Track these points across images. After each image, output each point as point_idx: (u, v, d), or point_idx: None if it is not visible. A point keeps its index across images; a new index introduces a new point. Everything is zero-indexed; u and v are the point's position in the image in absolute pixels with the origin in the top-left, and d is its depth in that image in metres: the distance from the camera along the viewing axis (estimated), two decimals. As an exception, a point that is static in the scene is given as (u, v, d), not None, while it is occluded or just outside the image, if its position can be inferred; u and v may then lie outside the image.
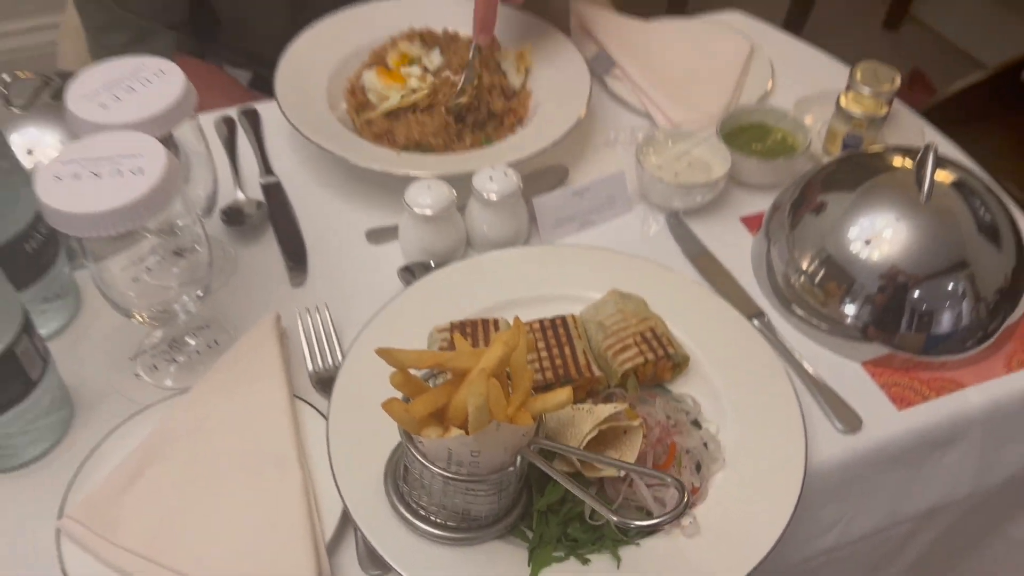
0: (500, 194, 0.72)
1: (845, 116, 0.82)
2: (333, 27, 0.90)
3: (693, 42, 0.96)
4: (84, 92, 0.60)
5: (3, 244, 0.60)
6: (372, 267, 0.75)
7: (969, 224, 0.70)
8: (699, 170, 0.79)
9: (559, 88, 0.87)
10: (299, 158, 0.84)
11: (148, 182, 0.53)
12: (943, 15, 2.47)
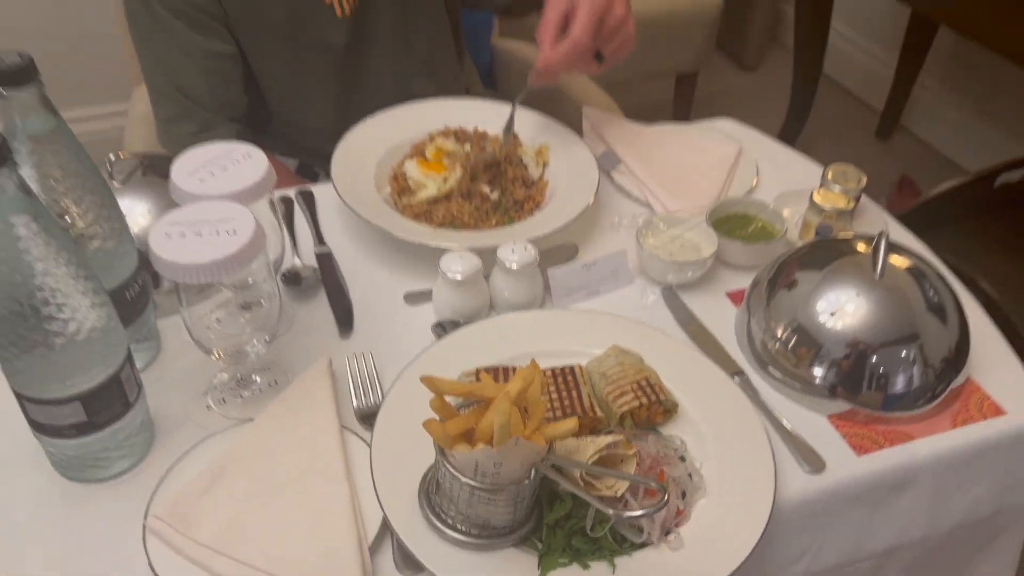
0: (520, 264, 0.84)
1: (817, 209, 0.95)
2: (380, 123, 1.05)
3: (688, 143, 1.10)
4: (187, 169, 0.74)
5: (112, 290, 0.72)
6: (409, 323, 0.87)
7: (920, 302, 0.82)
8: (690, 251, 0.92)
9: (572, 180, 1.01)
10: (348, 232, 0.98)
11: (240, 241, 0.66)
12: (931, 126, 2.63)
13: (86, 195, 0.69)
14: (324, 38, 1.17)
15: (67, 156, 0.68)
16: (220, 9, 1.11)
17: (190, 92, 1.14)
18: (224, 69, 1.15)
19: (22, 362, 0.62)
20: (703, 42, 2.34)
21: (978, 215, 1.82)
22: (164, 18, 1.09)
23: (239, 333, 0.76)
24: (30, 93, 0.64)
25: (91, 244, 0.70)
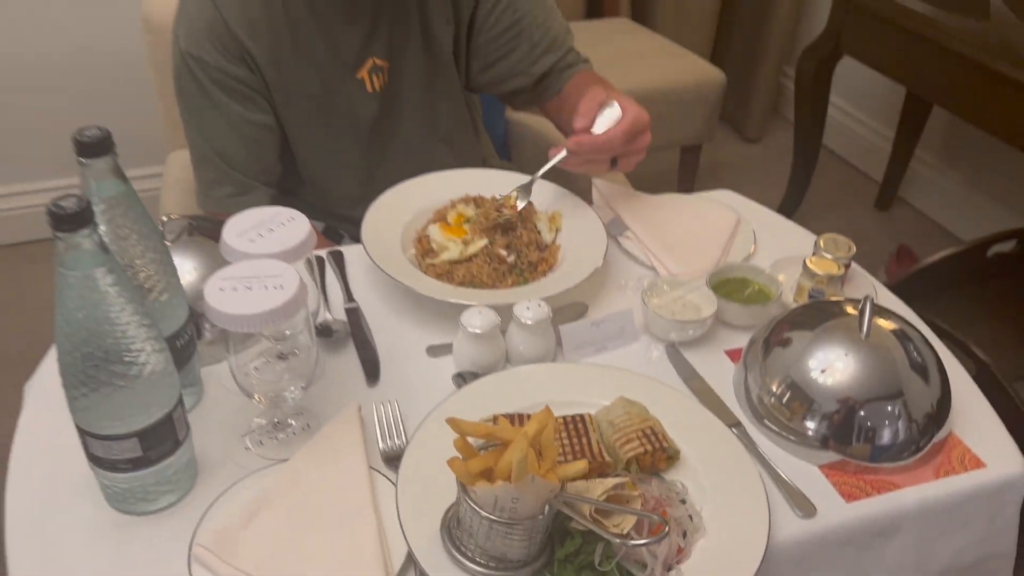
0: (534, 321, 0.92)
1: (810, 274, 1.03)
2: (406, 191, 1.14)
3: (691, 212, 1.18)
4: (238, 230, 0.82)
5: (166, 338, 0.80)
6: (431, 374, 0.94)
7: (904, 362, 0.89)
8: (692, 311, 1.00)
9: (582, 244, 1.09)
10: (375, 289, 1.05)
11: (286, 295, 0.74)
12: (928, 197, 2.72)
13: (148, 251, 0.77)
14: (355, 111, 1.27)
15: (133, 216, 0.76)
16: (262, 84, 1.21)
17: (230, 158, 1.23)
18: (262, 138, 1.24)
19: (89, 400, 0.69)
20: (707, 116, 2.45)
21: (972, 283, 1.89)
22: (211, 91, 1.19)
23: (277, 380, 0.83)
24: (105, 162, 0.73)
25: (150, 295, 0.78)
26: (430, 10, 1.24)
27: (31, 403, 0.90)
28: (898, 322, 0.93)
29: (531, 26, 1.27)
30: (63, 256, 0.65)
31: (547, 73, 1.31)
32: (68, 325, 0.66)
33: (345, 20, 1.20)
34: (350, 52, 1.23)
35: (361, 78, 1.25)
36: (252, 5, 1.16)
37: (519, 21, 1.27)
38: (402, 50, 1.25)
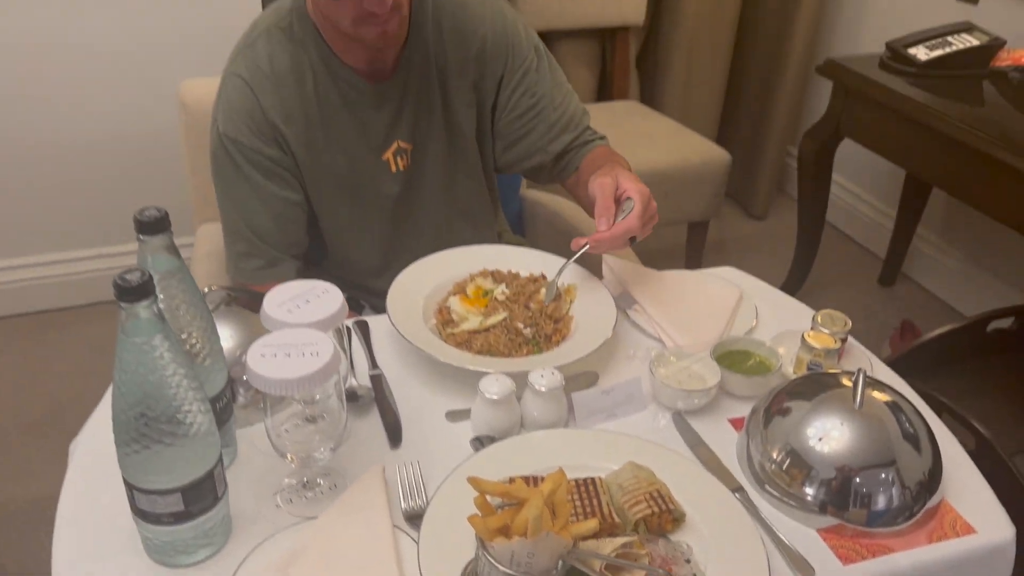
0: (548, 388, 0.98)
1: (808, 348, 1.09)
2: (428, 265, 1.22)
3: (696, 287, 1.25)
4: (277, 301, 0.89)
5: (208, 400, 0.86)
6: (450, 438, 0.99)
7: (896, 432, 0.94)
8: (697, 381, 1.05)
9: (593, 316, 1.15)
10: (398, 356, 1.12)
11: (321, 361, 0.80)
12: (931, 274, 2.79)
13: (195, 320, 0.84)
14: (380, 189, 1.36)
15: (184, 288, 0.83)
16: (293, 164, 1.30)
17: (261, 233, 1.31)
18: (292, 214, 1.32)
19: (140, 456, 0.75)
20: (713, 193, 2.54)
21: (972, 358, 1.94)
22: (246, 170, 1.28)
23: (307, 441, 0.89)
24: (162, 239, 0.81)
25: (196, 360, 0.85)
26: (452, 97, 1.34)
27: (76, 461, 0.96)
28: (891, 394, 0.98)
29: (548, 108, 1.36)
30: (125, 324, 0.72)
31: (565, 151, 1.39)
32: (126, 386, 0.73)
33: (373, 107, 1.30)
34: (377, 136, 1.32)
35: (386, 160, 1.34)
36: (287, 93, 1.26)
37: (536, 104, 1.36)
38: (425, 133, 1.34)
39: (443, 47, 1.31)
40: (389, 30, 1.18)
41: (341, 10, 1.15)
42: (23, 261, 2.42)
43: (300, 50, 1.26)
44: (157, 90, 2.29)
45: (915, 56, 2.13)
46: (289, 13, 1.27)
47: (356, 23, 1.16)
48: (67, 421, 2.10)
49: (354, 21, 1.16)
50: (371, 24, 1.16)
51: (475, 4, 1.32)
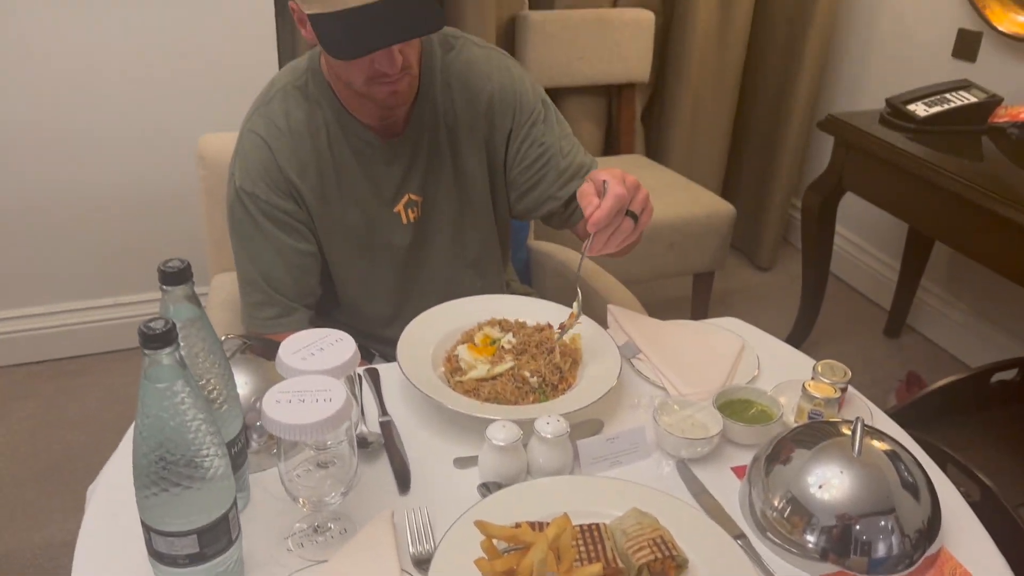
0: (553, 435, 1.00)
1: (809, 397, 1.11)
2: (437, 314, 1.25)
3: (699, 337, 1.28)
4: (292, 349, 0.92)
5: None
6: (458, 484, 1.02)
7: (895, 480, 0.96)
8: (700, 429, 1.08)
9: (598, 365, 1.18)
10: (407, 403, 1.15)
11: (335, 407, 0.83)
12: (935, 325, 2.80)
13: (213, 367, 0.88)
14: (391, 240, 1.40)
15: (203, 336, 0.87)
16: (307, 216, 1.35)
17: (276, 283, 1.35)
18: (306, 265, 1.37)
19: (159, 499, 0.78)
20: (718, 245, 2.58)
21: (977, 409, 1.95)
22: (261, 222, 1.32)
23: (319, 486, 0.91)
24: (183, 289, 0.84)
25: (213, 405, 0.88)
26: (462, 151, 1.39)
27: (94, 505, 0.98)
28: (890, 443, 1.00)
29: (557, 156, 1.40)
30: (148, 370, 0.75)
31: (574, 197, 1.43)
32: (147, 430, 0.76)
33: (384, 162, 1.35)
34: (388, 189, 1.36)
35: (397, 212, 1.38)
36: (302, 148, 1.31)
37: (545, 153, 1.40)
38: (435, 186, 1.39)
39: (452, 105, 1.36)
40: (399, 89, 1.23)
41: (354, 71, 1.21)
42: (41, 310, 2.46)
43: (315, 107, 1.31)
44: (175, 144, 2.36)
45: (914, 112, 2.18)
46: (305, 72, 1.32)
47: (368, 83, 1.21)
48: (81, 468, 2.12)
49: (366, 81, 1.21)
50: (382, 84, 1.21)
51: (482, 62, 1.37)
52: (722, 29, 2.96)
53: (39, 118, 2.25)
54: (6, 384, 2.40)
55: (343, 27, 1.12)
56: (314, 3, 1.13)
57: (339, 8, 1.11)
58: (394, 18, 1.12)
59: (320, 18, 1.13)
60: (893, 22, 2.83)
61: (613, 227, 1.13)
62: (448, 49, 1.36)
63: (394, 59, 1.17)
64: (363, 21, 1.11)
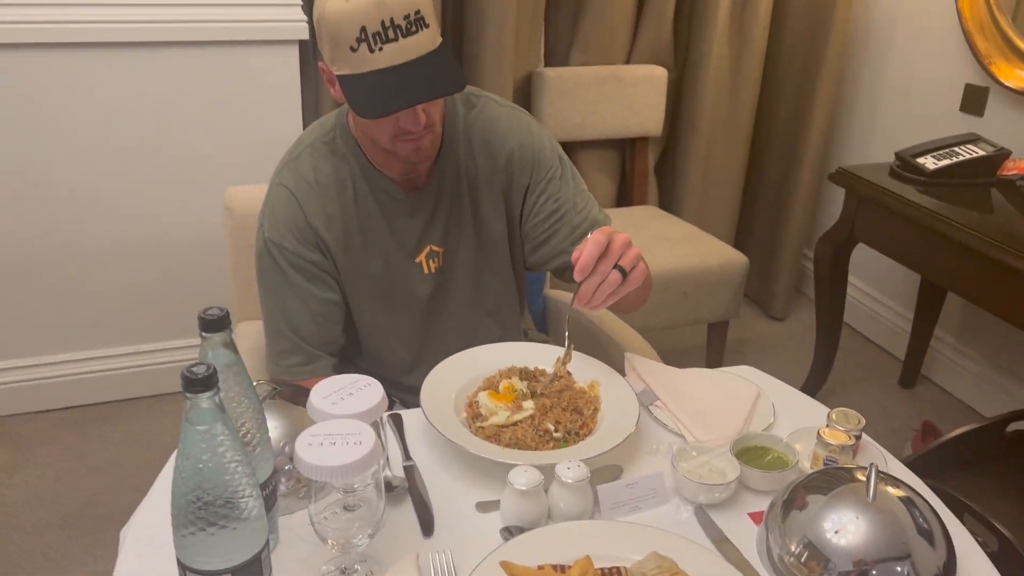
0: (574, 480, 1.03)
1: (824, 444, 1.13)
2: (459, 361, 1.28)
3: (715, 385, 1.31)
4: (323, 394, 0.96)
5: (255, 487, 0.92)
6: (480, 527, 1.04)
7: (911, 526, 0.98)
8: (717, 475, 1.10)
9: (616, 411, 1.21)
10: (430, 448, 1.18)
11: (364, 450, 0.87)
12: (950, 376, 2.81)
13: (248, 411, 0.91)
14: (412, 290, 1.44)
15: (239, 381, 0.90)
16: (333, 267, 1.39)
17: (301, 331, 1.39)
18: (330, 313, 1.41)
19: (196, 538, 0.81)
20: (732, 295, 2.62)
21: (992, 459, 1.95)
22: (288, 272, 1.37)
23: (346, 528, 0.94)
24: (222, 336, 0.88)
25: (248, 448, 0.91)
26: (482, 204, 1.44)
27: (128, 545, 1.01)
28: (904, 489, 1.02)
29: (571, 212, 1.45)
30: (189, 413, 0.79)
31: None
32: (187, 471, 0.79)
33: (407, 214, 1.40)
34: (410, 241, 1.41)
35: (419, 262, 1.43)
36: (329, 202, 1.36)
37: (559, 208, 1.45)
38: (456, 238, 1.44)
39: (473, 160, 1.41)
40: (423, 146, 1.28)
41: (380, 128, 1.26)
42: (66, 357, 2.51)
43: (342, 162, 1.37)
44: (199, 196, 2.43)
45: (924, 165, 2.22)
46: (332, 129, 1.38)
47: (393, 140, 1.27)
48: (103, 514, 2.15)
49: (391, 138, 1.27)
50: (406, 140, 1.26)
51: (503, 120, 1.43)
52: (733, 84, 3.04)
53: (72, 172, 2.32)
54: (31, 430, 2.44)
55: (370, 88, 1.18)
56: (343, 65, 1.19)
57: (366, 70, 1.17)
58: (418, 80, 1.18)
59: (348, 79, 1.19)
60: (901, 77, 2.90)
61: (599, 277, 1.17)
62: (470, 107, 1.41)
63: (418, 118, 1.23)
64: (389, 82, 1.17)
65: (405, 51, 1.16)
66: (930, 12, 2.73)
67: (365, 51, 1.16)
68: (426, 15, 1.18)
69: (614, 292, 1.18)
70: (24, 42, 2.16)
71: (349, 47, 1.16)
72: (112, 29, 2.20)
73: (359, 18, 1.14)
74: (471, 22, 2.65)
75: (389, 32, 1.15)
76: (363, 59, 1.16)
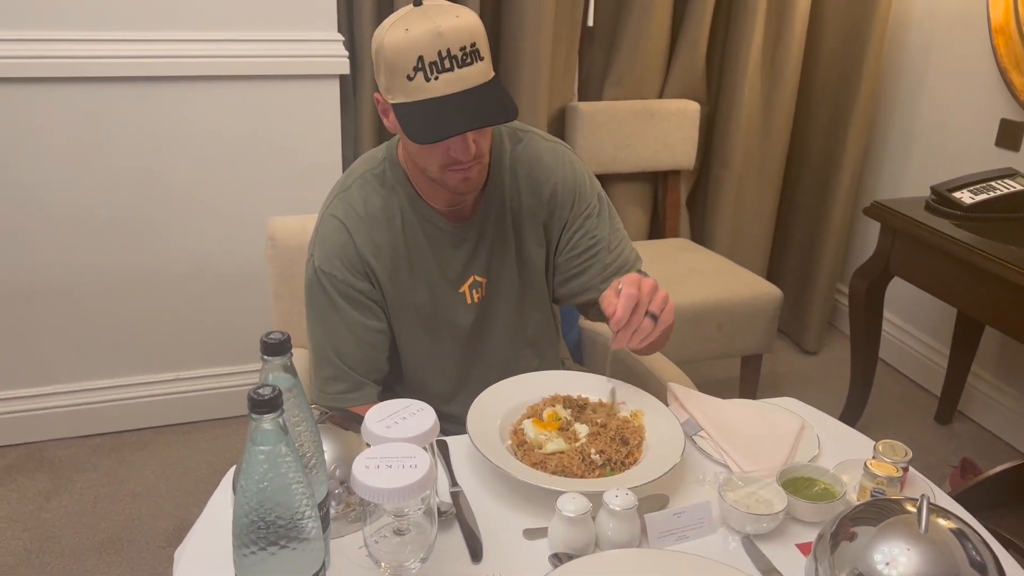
0: (622, 508, 1.03)
1: (871, 475, 1.13)
2: (502, 390, 1.30)
3: (759, 416, 1.31)
4: (377, 418, 0.97)
5: (311, 509, 0.93)
6: (529, 554, 1.04)
7: (963, 558, 0.97)
8: (764, 506, 1.10)
9: (661, 442, 1.22)
10: (476, 475, 1.19)
11: (419, 473, 0.88)
12: (988, 412, 2.77)
13: (305, 433, 0.93)
14: (455, 319, 1.46)
15: (298, 404, 0.92)
16: (380, 296, 1.42)
17: (347, 359, 1.41)
18: (376, 342, 1.43)
19: (256, 557, 0.82)
20: (765, 328, 2.61)
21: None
22: (337, 300, 1.39)
23: (399, 552, 0.95)
24: (282, 360, 0.90)
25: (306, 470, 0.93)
26: (524, 236, 1.46)
27: (182, 567, 1.02)
28: (956, 522, 1.02)
29: (604, 250, 1.47)
30: (254, 434, 0.81)
31: None
32: (250, 491, 0.81)
33: (452, 245, 1.42)
34: (454, 271, 1.43)
35: (463, 292, 1.45)
36: (378, 232, 1.39)
37: (594, 246, 1.47)
38: (499, 269, 1.46)
39: (518, 193, 1.44)
40: (471, 176, 1.31)
41: (431, 157, 1.29)
42: (105, 383, 2.55)
43: (391, 194, 1.40)
44: (241, 227, 2.48)
45: (960, 200, 2.22)
46: (383, 161, 1.42)
47: (443, 169, 1.30)
48: (140, 539, 2.17)
49: (441, 168, 1.29)
50: (456, 170, 1.29)
51: (548, 155, 1.46)
52: (765, 118, 3.06)
53: (117, 201, 2.38)
54: (70, 456, 2.48)
55: (424, 115, 1.21)
56: (399, 94, 1.22)
57: (421, 98, 1.21)
58: (471, 108, 1.21)
59: (404, 107, 1.23)
60: (935, 112, 2.90)
61: (634, 326, 1.22)
62: (516, 141, 1.44)
63: (468, 147, 1.26)
64: (443, 110, 1.20)
65: (460, 81, 1.20)
66: (964, 47, 2.74)
67: (421, 79, 1.19)
68: (481, 48, 1.22)
69: (647, 337, 1.24)
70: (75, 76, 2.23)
71: (406, 76, 1.20)
72: (161, 64, 2.27)
73: (418, 48, 1.18)
74: (507, 56, 2.70)
75: (445, 62, 1.19)
76: (419, 87, 1.20)
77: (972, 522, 1.11)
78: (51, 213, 2.34)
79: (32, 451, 2.48)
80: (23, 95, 2.21)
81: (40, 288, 2.40)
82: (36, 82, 2.21)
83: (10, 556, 2.10)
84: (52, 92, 2.23)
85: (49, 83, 2.22)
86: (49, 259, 2.38)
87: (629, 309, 1.21)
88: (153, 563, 2.09)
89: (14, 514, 2.23)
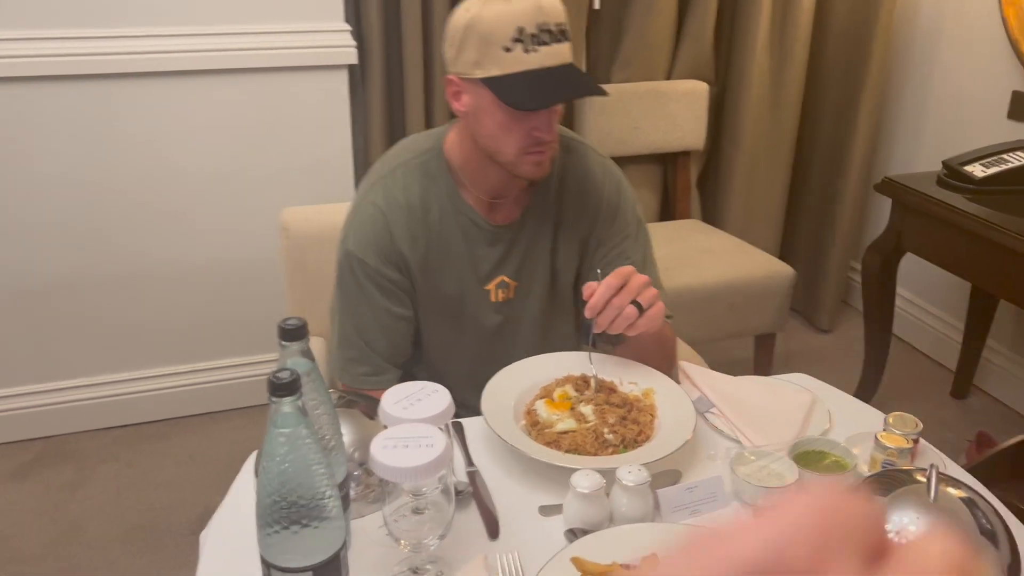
0: (635, 483, 1.05)
1: (882, 447, 1.14)
2: (516, 370, 1.32)
3: (769, 391, 1.32)
4: (393, 400, 1.00)
5: (331, 489, 0.96)
6: (544, 530, 1.07)
7: (973, 526, 0.99)
8: (776, 479, 1.12)
9: (673, 419, 1.23)
10: (491, 454, 1.21)
11: (436, 452, 0.90)
12: (1004, 385, 2.77)
13: (324, 415, 0.95)
14: (478, 315, 1.47)
15: (316, 388, 0.95)
16: (409, 284, 1.43)
17: (372, 343, 1.43)
18: (401, 328, 1.44)
19: (280, 536, 0.85)
20: (778, 307, 2.62)
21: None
22: (366, 286, 1.40)
23: (417, 529, 0.97)
24: (300, 345, 0.93)
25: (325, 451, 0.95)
26: (561, 247, 1.47)
27: (208, 549, 1.05)
28: (966, 490, 1.03)
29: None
30: (275, 416, 0.83)
31: None
32: (271, 473, 0.83)
33: (487, 243, 1.43)
34: (484, 268, 1.44)
35: (488, 290, 1.46)
36: (415, 222, 1.40)
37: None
38: (531, 274, 1.47)
39: (563, 203, 1.45)
40: (544, 162, 1.33)
41: (510, 139, 1.30)
42: (124, 376, 2.59)
43: (431, 184, 1.40)
44: (255, 219, 2.51)
45: (972, 173, 2.22)
46: (428, 152, 1.42)
47: (520, 152, 1.30)
48: (163, 528, 2.21)
49: (519, 150, 1.30)
50: (533, 153, 1.31)
51: (598, 172, 1.47)
52: (775, 96, 3.05)
53: (132, 194, 2.41)
54: (92, 447, 2.52)
55: (525, 85, 1.24)
56: (491, 67, 1.24)
57: (519, 70, 1.24)
58: (568, 81, 1.26)
59: (499, 80, 1.25)
60: (946, 86, 2.89)
61: (615, 311, 1.22)
62: (568, 151, 1.46)
63: (552, 125, 1.28)
64: (545, 82, 1.24)
65: (556, 55, 1.24)
66: (975, 20, 2.73)
67: (520, 51, 1.22)
68: (568, 30, 1.26)
69: (632, 325, 1.23)
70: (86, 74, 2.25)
71: (503, 47, 1.22)
72: (171, 58, 2.30)
73: (518, 19, 1.22)
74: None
75: (544, 36, 1.22)
76: (517, 59, 1.23)
77: (983, 491, 1.13)
78: (69, 209, 2.38)
79: (55, 444, 2.53)
80: (43, 92, 2.24)
81: (58, 284, 2.44)
82: (52, 80, 2.24)
83: (37, 547, 2.14)
84: (65, 89, 2.26)
85: (61, 80, 2.25)
86: (66, 254, 2.41)
87: (605, 296, 1.21)
88: (177, 551, 2.13)
89: (40, 506, 2.28)
